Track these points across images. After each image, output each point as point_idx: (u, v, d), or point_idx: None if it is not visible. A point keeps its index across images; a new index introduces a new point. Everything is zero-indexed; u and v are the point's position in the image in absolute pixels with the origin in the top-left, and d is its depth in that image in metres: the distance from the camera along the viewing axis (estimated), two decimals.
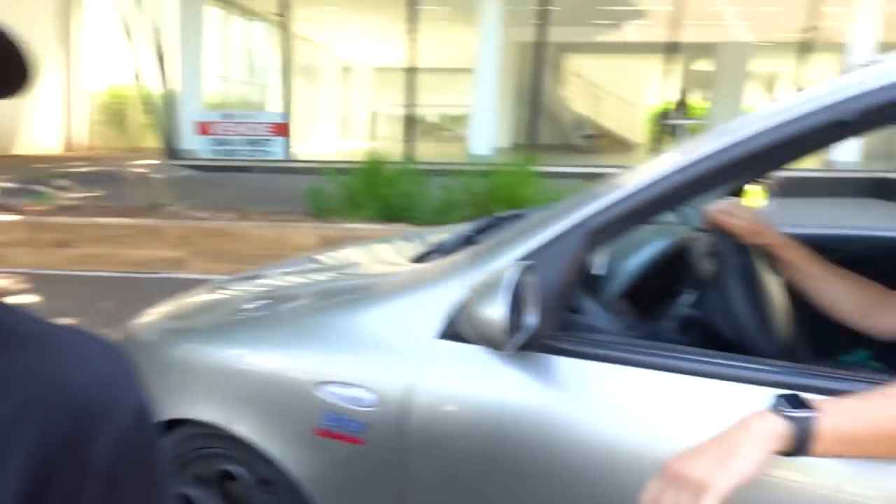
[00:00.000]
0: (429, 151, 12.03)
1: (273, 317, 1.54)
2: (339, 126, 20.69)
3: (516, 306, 1.14)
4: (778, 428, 0.85)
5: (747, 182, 2.16)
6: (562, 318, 1.20)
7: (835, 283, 1.45)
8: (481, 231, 1.65)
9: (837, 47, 12.22)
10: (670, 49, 12.17)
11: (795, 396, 0.89)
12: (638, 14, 14.52)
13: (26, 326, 0.61)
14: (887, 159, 11.09)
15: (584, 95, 18.80)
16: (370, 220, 6.23)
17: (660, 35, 12.18)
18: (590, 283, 1.37)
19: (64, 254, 5.88)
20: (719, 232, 1.38)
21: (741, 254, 1.48)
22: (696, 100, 16.88)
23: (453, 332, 1.23)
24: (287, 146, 11.27)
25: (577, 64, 18.69)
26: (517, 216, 1.69)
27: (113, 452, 0.59)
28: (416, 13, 11.49)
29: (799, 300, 1.70)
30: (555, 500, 1.18)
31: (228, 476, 1.52)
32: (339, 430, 1.32)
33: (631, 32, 15.45)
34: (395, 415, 1.27)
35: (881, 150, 11.40)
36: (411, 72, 11.76)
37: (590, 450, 1.14)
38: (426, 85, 13.44)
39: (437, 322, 1.27)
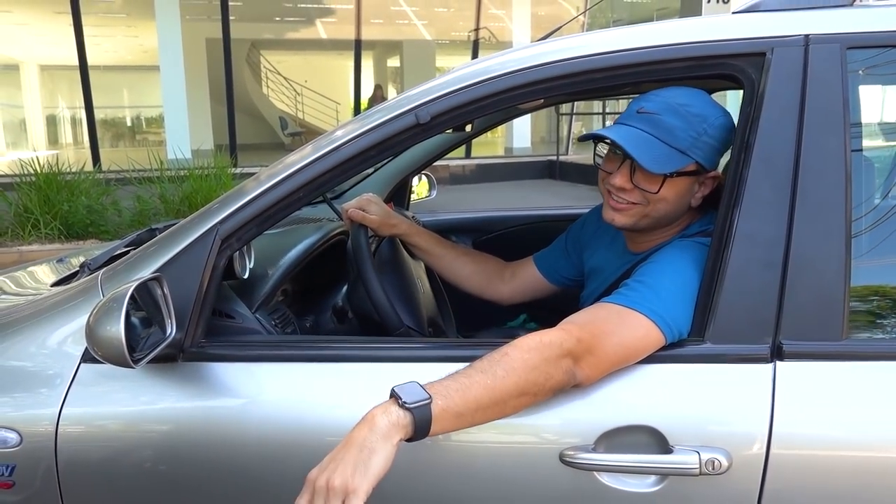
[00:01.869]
0: (118, 157, 11.06)
1: None
2: (11, 134, 18.05)
3: (157, 319, 1.17)
4: (401, 419, 0.93)
5: (406, 178, 2.41)
6: (207, 325, 1.24)
7: (459, 262, 1.69)
8: (136, 244, 1.62)
9: (501, 45, 13.77)
10: (361, 46, 12.65)
11: (413, 384, 0.97)
12: (327, 12, 14.85)
13: None
14: (551, 145, 12.78)
15: (285, 93, 18.72)
16: (49, 239, 5.62)
17: (350, 32, 12.60)
18: (242, 287, 1.43)
19: None
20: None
21: (385, 243, 1.66)
22: (390, 94, 17.78)
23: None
24: None
25: (274, 61, 18.53)
26: (172, 225, 1.69)
27: None
28: (79, 4, 10.39)
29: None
30: (225, 498, 1.23)
31: None
32: None
33: (323, 29, 15.75)
34: (43, 450, 1.22)
35: (549, 137, 13.13)
36: (83, 69, 10.62)
37: (250, 452, 1.19)
38: (108, 84, 12.30)
39: (80, 346, 1.24)
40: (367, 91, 14.39)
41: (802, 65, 1.14)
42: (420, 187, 2.64)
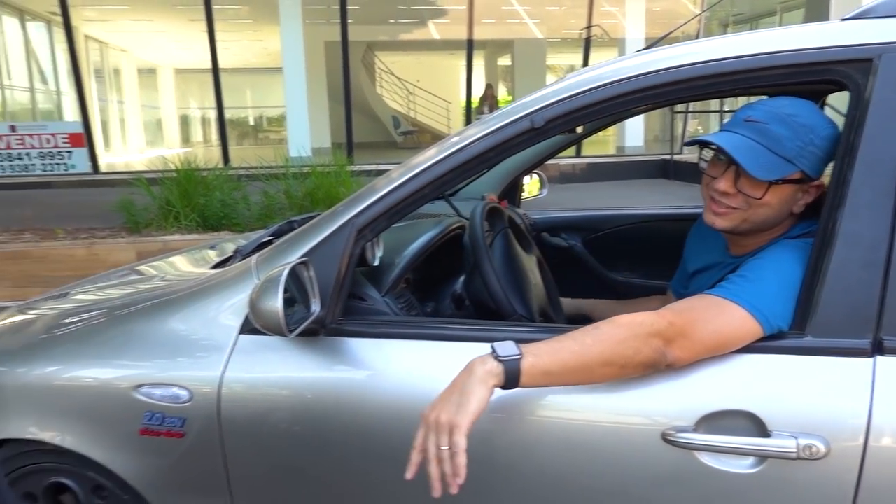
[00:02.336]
0: (246, 155, 11.78)
1: (85, 330, 1.62)
2: (145, 133, 19.54)
3: (303, 297, 1.35)
4: (494, 369, 1.10)
5: (518, 176, 2.53)
6: (345, 305, 1.42)
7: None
8: (278, 234, 1.83)
9: (615, 42, 13.57)
10: (473, 46, 12.83)
11: (511, 342, 1.14)
12: (439, 13, 15.13)
13: None
14: (665, 143, 12.50)
15: (398, 93, 19.24)
16: (188, 230, 6.11)
17: (462, 32, 12.81)
18: (372, 273, 1.60)
19: None
20: (475, 221, 1.66)
21: (499, 237, 1.79)
22: (501, 93, 17.91)
23: (251, 326, 1.41)
24: (88, 157, 10.57)
25: (388, 62, 19.08)
26: (310, 218, 1.89)
27: None
28: (212, 12, 11.14)
29: (557, 271, 2.07)
30: (357, 458, 1.40)
31: (61, 488, 1.59)
32: (160, 427, 1.45)
33: (435, 30, 16.07)
34: (208, 407, 1.43)
35: (662, 136, 12.85)
36: (216, 72, 11.38)
37: (380, 413, 1.36)
38: (236, 86, 13.13)
39: (239, 319, 1.45)
40: (478, 90, 14.57)
41: None
42: (531, 185, 2.75)
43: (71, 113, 14.45)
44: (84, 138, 10.53)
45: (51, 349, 1.60)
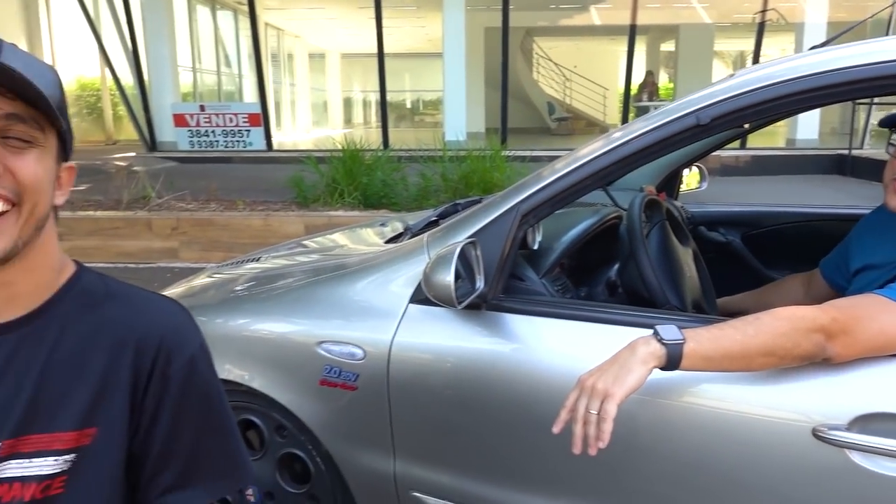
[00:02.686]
0: (404, 137, 12.23)
1: (278, 290, 1.86)
2: (312, 114, 20.78)
3: (469, 274, 1.48)
4: (657, 351, 1.16)
5: (678, 168, 2.53)
6: (505, 283, 1.54)
7: (776, 295, 1.86)
8: (443, 216, 1.98)
9: (791, 27, 12.66)
10: (635, 31, 12.47)
11: (674, 327, 1.20)
12: None
13: (119, 287, 0.95)
14: (843, 137, 11.55)
15: (554, 79, 19.11)
16: (351, 207, 6.52)
17: (624, 18, 12.49)
18: (531, 256, 1.71)
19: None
20: (633, 213, 1.72)
21: (656, 229, 1.83)
22: (661, 80, 17.27)
23: (422, 296, 1.57)
24: (263, 136, 11.47)
25: (546, 47, 18.98)
26: (474, 202, 2.02)
27: (185, 372, 0.93)
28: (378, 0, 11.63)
29: (712, 266, 2.07)
30: (513, 432, 1.52)
31: (249, 425, 1.85)
32: (337, 379, 1.66)
33: (597, 15, 15.76)
34: (380, 366, 1.61)
35: (840, 129, 11.87)
36: (380, 57, 11.90)
37: (537, 386, 1.47)
38: (396, 70, 13.62)
39: (409, 289, 1.61)
40: (637, 77, 14.17)
41: None
42: (690, 178, 2.73)
43: (250, 95, 15.70)
44: (261, 118, 11.43)
45: (247, 305, 1.86)
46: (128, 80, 11.87)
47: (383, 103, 12.25)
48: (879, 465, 1.17)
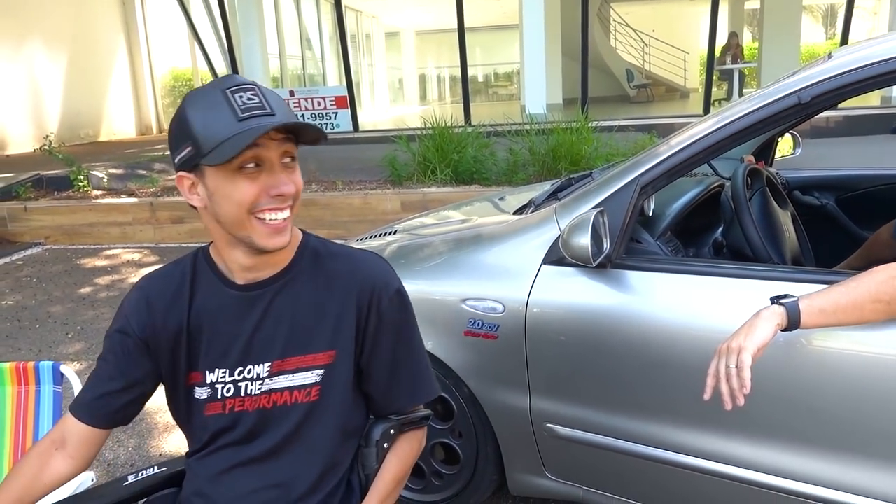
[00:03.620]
0: (483, 112, 12.39)
1: (424, 257, 2.19)
2: (392, 92, 21.16)
3: (597, 238, 1.75)
4: (777, 310, 1.37)
5: (774, 135, 2.70)
6: (627, 246, 1.80)
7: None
8: (560, 189, 2.25)
9: None
10: None
11: (786, 294, 1.40)
12: None
13: (336, 248, 1.30)
14: None
15: (633, 45, 18.79)
16: (444, 183, 6.78)
17: None
18: (645, 222, 1.96)
19: (178, 229, 6.73)
20: (735, 180, 1.95)
21: (758, 195, 2.05)
22: (745, 41, 16.74)
23: (553, 258, 1.85)
24: (350, 117, 11.90)
25: (623, 13, 18.67)
26: (585, 175, 2.28)
27: (394, 305, 1.28)
28: None
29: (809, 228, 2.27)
30: (627, 368, 1.79)
31: None
32: (480, 330, 1.97)
33: None
34: (517, 318, 1.91)
35: None
36: (461, 33, 12.04)
37: (655, 331, 1.73)
38: (473, 45, 13.71)
39: (542, 252, 1.90)
40: (720, 39, 13.81)
41: None
42: (784, 145, 2.88)
43: (333, 78, 16.20)
44: (347, 100, 11.86)
45: (400, 270, 2.18)
46: (220, 68, 12.51)
47: (465, 79, 12.40)
48: None
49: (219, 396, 1.22)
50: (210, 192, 1.12)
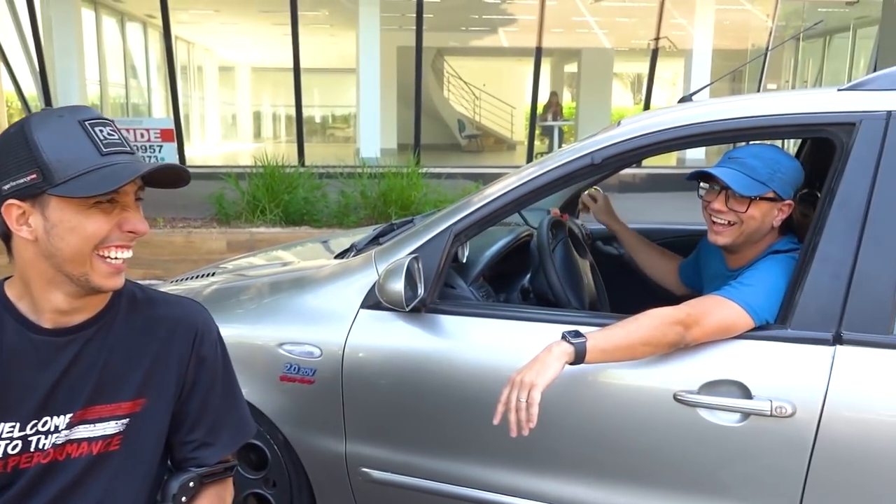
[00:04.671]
0: (318, 152, 12.37)
1: (238, 300, 2.14)
2: (224, 128, 20.53)
3: (411, 283, 1.81)
4: (567, 349, 1.51)
5: (578, 191, 2.94)
6: (441, 290, 1.88)
7: (650, 255, 2.27)
8: (382, 234, 2.30)
9: (682, 52, 13.74)
10: (541, 53, 13.15)
11: (576, 332, 1.55)
12: (509, 21, 15.51)
13: (154, 293, 1.27)
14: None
15: (465, 97, 19.71)
16: (273, 224, 6.63)
17: (531, 40, 13.15)
18: (460, 268, 2.06)
19: None
20: (543, 232, 2.11)
21: (560, 245, 2.23)
22: (565, 100, 18.19)
23: (371, 303, 1.89)
24: (177, 151, 11.37)
25: (456, 66, 19.57)
26: (407, 221, 2.36)
27: (212, 351, 1.27)
28: (295, 17, 11.78)
29: (608, 275, 2.49)
30: (447, 412, 1.85)
31: None
32: (296, 375, 1.95)
33: (505, 37, 16.47)
34: (335, 361, 1.92)
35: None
36: (296, 73, 12.00)
37: (466, 372, 1.81)
38: (310, 86, 13.72)
39: (360, 296, 1.93)
40: (543, 97, 14.90)
41: (882, 133, 1.56)
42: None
43: (159, 108, 15.44)
44: (174, 133, 11.34)
45: (217, 314, 2.12)
46: (30, 91, 11.51)
47: (299, 119, 12.35)
48: (719, 418, 1.58)
49: (0, 455, 1.10)
50: (51, 225, 1.04)
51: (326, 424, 1.97)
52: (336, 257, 2.25)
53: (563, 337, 1.55)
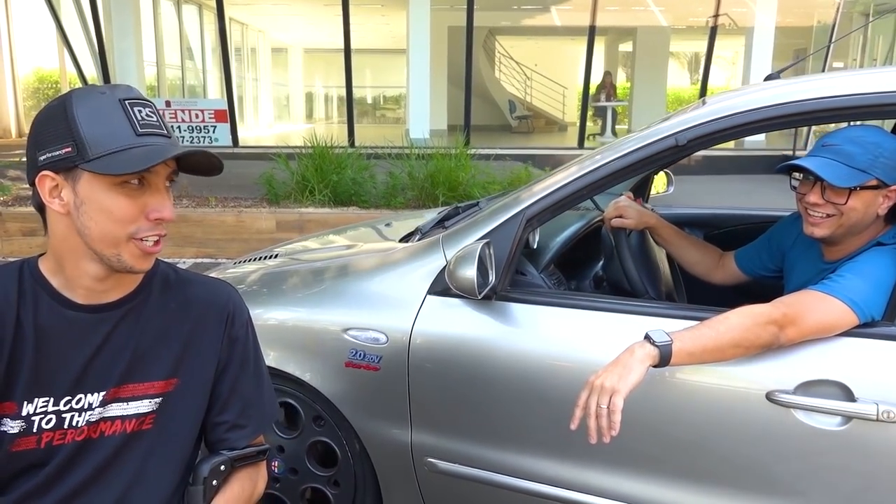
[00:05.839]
0: (367, 134, 12.36)
1: (301, 284, 2.10)
2: (277, 109, 20.71)
3: (482, 269, 1.74)
4: (651, 352, 1.41)
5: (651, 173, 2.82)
6: (512, 278, 1.80)
7: (690, 251, 2.12)
8: (447, 218, 2.23)
9: (742, 30, 13.24)
10: (595, 32, 12.85)
11: (661, 331, 1.45)
12: (562, 0, 15.19)
13: (188, 275, 1.26)
14: (787, 138, 12.15)
15: (516, 77, 19.45)
16: (321, 204, 6.65)
17: (584, 19, 12.86)
18: (530, 254, 1.98)
19: (30, 242, 6.19)
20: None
21: (637, 235, 2.12)
22: (619, 80, 17.77)
23: (438, 289, 1.82)
24: (230, 132, 11.50)
25: (507, 46, 19.31)
26: (473, 205, 2.28)
27: (243, 332, 1.26)
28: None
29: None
30: (511, 401, 1.78)
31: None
32: (361, 362, 1.90)
33: (557, 16, 16.14)
34: (401, 349, 1.86)
35: (786, 130, 12.47)
36: (347, 54, 11.97)
37: (538, 364, 1.74)
38: (361, 66, 13.70)
39: (427, 282, 1.86)
40: (596, 77, 14.57)
41: None
42: (658, 182, 3.02)
43: (213, 89, 15.63)
44: (227, 114, 11.47)
45: (280, 297, 2.09)
46: (91, 73, 11.76)
47: (349, 100, 12.35)
48: (817, 421, 1.47)
49: (34, 430, 1.09)
50: (80, 200, 1.04)
51: (392, 412, 1.92)
52: (401, 241, 2.19)
53: (647, 337, 1.45)
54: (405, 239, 2.19)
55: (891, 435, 1.41)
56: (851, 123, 1.73)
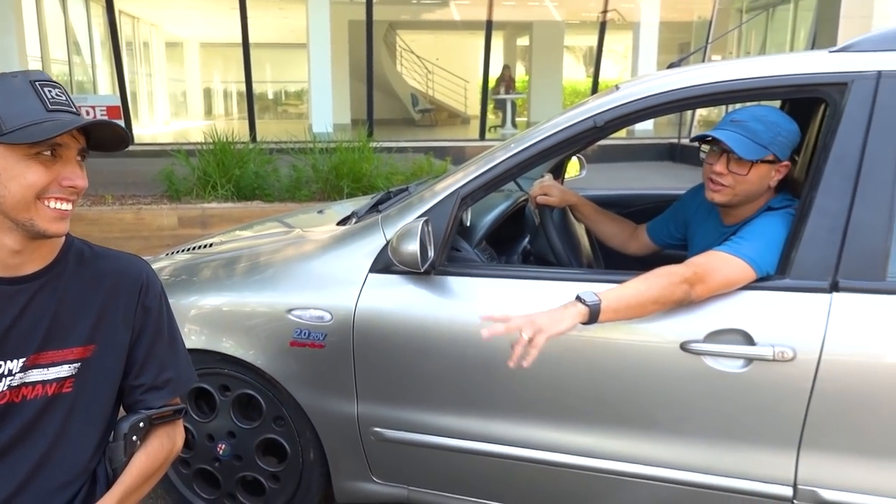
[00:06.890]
0: (270, 129, 12.16)
1: (242, 269, 2.14)
2: (174, 105, 19.94)
3: (422, 246, 1.85)
4: (582, 310, 1.58)
5: (564, 158, 3.01)
6: (449, 253, 1.92)
7: (607, 225, 2.32)
8: (381, 202, 2.32)
9: (630, 25, 13.92)
10: (492, 26, 13.12)
11: (591, 292, 1.62)
12: None
13: (101, 249, 1.34)
14: (672, 127, 12.89)
15: (417, 72, 19.58)
16: (224, 199, 6.53)
17: (482, 14, 13.11)
18: (463, 232, 2.11)
19: None
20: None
21: (559, 211, 2.28)
22: (518, 74, 18.25)
23: (379, 266, 1.92)
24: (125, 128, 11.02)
25: (408, 40, 19.40)
26: (402, 190, 2.39)
27: (156, 302, 1.36)
28: None
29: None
30: (452, 368, 1.90)
31: (224, 387, 2.12)
32: (306, 340, 1.97)
33: (456, 11, 16.38)
34: (345, 325, 1.94)
35: (670, 121, 13.22)
36: (245, 48, 11.70)
37: (476, 332, 1.83)
38: (261, 61, 13.42)
39: (368, 261, 1.95)
40: (495, 70, 14.92)
41: (873, 91, 1.66)
42: (571, 166, 3.20)
43: (105, 85, 14.90)
44: (120, 111, 10.98)
45: (222, 282, 2.12)
46: None
47: (249, 95, 12.11)
48: (722, 364, 1.68)
49: None
50: None
51: (338, 387, 2.00)
52: (338, 224, 2.27)
53: (578, 298, 1.61)
54: (342, 223, 2.27)
55: (785, 372, 1.63)
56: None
